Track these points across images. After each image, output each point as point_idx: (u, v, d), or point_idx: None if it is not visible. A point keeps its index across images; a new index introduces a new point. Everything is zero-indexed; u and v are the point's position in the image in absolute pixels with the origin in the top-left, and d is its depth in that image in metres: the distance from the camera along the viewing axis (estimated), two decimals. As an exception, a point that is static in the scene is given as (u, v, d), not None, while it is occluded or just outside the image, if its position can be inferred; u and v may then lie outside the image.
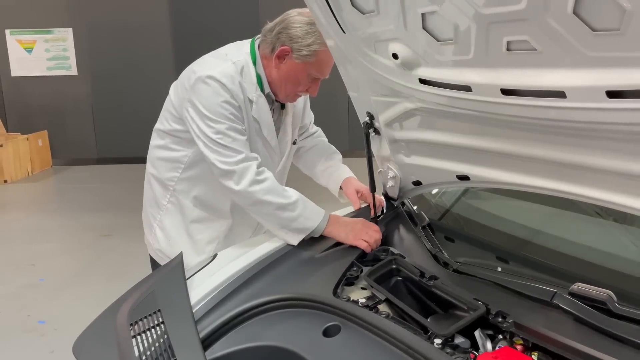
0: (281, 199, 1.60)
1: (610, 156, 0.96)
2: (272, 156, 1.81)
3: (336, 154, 2.03)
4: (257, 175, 1.60)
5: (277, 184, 1.64)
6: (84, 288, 3.63)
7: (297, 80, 1.67)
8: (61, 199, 6.43)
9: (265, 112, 1.73)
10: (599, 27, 0.80)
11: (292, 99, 1.77)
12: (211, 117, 1.60)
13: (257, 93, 1.69)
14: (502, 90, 1.03)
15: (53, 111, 8.03)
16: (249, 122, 1.70)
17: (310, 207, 1.63)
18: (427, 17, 1.07)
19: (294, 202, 1.60)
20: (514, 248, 1.48)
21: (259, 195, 1.59)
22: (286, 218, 1.59)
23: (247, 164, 1.60)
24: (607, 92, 0.85)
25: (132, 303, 1.34)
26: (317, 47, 1.59)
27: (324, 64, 1.64)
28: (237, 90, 1.63)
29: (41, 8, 7.71)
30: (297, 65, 1.64)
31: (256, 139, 1.74)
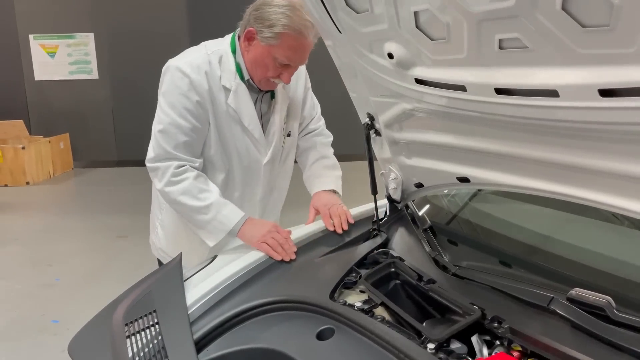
0: (195, 201, 1.60)
1: (606, 157, 0.92)
2: (258, 147, 1.75)
3: (322, 160, 1.93)
4: (174, 176, 1.60)
5: (196, 185, 1.61)
6: (98, 288, 3.68)
7: (265, 64, 1.59)
8: (80, 200, 6.54)
9: (245, 101, 1.67)
10: (588, 23, 0.77)
11: (268, 85, 1.67)
12: (163, 105, 1.62)
13: (236, 81, 1.65)
14: (496, 89, 1.01)
15: (74, 114, 8.17)
16: (222, 112, 1.65)
17: (225, 210, 1.61)
18: (420, 15, 1.05)
19: (207, 205, 1.60)
20: (516, 252, 1.45)
21: (174, 195, 1.61)
22: (200, 220, 1.62)
23: (168, 163, 1.60)
24: (600, 90, 0.82)
25: (129, 303, 1.34)
26: (280, 30, 1.51)
27: (290, 48, 1.54)
28: (202, 79, 1.60)
29: (64, 14, 7.86)
30: (262, 49, 1.57)
31: (235, 129, 1.69)
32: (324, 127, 2.02)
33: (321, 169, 1.89)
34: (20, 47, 7.95)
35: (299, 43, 1.53)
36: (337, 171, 1.91)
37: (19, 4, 7.82)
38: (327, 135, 2.01)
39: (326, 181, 1.84)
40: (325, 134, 2.01)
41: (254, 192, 1.83)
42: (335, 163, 1.93)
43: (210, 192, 1.63)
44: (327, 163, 1.91)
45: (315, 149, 1.94)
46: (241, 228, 1.61)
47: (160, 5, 7.71)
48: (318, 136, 1.99)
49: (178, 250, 1.59)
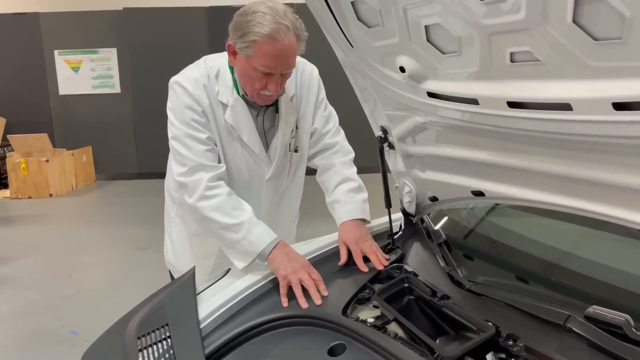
0: (227, 218, 1.53)
1: (621, 171, 0.90)
2: (258, 163, 1.70)
3: (345, 183, 1.76)
4: (207, 190, 1.54)
5: (230, 201, 1.55)
6: (117, 300, 3.70)
7: (249, 77, 1.52)
8: (102, 212, 6.62)
9: (244, 116, 1.63)
10: (600, 36, 0.76)
11: (261, 99, 1.58)
12: (173, 122, 1.59)
13: (233, 97, 1.61)
14: (508, 103, 1.00)
15: (97, 128, 8.32)
16: (221, 127, 1.62)
17: (257, 231, 1.52)
18: (431, 29, 1.05)
19: (238, 223, 1.52)
20: (532, 267, 1.42)
21: (206, 211, 1.54)
22: (229, 239, 1.53)
23: (198, 176, 1.55)
24: (613, 103, 0.81)
25: (142, 316, 1.34)
26: (252, 38, 1.42)
27: (266, 56, 1.44)
28: (201, 93, 1.58)
29: (87, 30, 8.04)
30: (243, 60, 1.50)
31: (235, 145, 1.65)
32: (343, 143, 1.85)
33: (345, 194, 1.73)
34: (46, 63, 8.14)
35: (274, 49, 1.43)
36: (362, 194, 1.74)
37: (45, 21, 8.03)
38: (347, 152, 1.84)
39: (352, 209, 1.69)
40: (344, 151, 1.84)
41: (257, 208, 1.71)
42: (360, 185, 1.77)
43: (244, 210, 1.56)
44: (352, 186, 1.74)
45: (337, 170, 1.79)
46: (272, 252, 1.49)
47: (180, 20, 7.84)
48: (337, 153, 1.83)
49: (184, 264, 1.59)
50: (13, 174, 7.22)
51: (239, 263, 1.53)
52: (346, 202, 1.72)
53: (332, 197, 1.77)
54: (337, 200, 1.74)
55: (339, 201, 1.73)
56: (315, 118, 1.80)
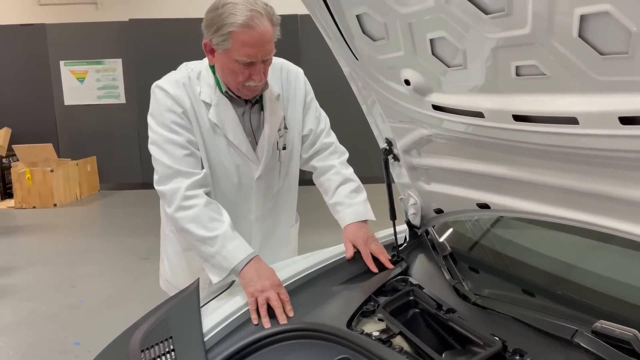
0: (202, 230, 1.50)
1: (627, 185, 0.90)
2: (247, 162, 1.67)
3: (346, 185, 1.78)
4: (184, 200, 1.52)
5: (207, 212, 1.52)
6: (120, 311, 3.70)
7: (231, 70, 1.50)
8: (106, 222, 6.63)
9: (228, 114, 1.61)
10: (606, 50, 0.76)
11: (248, 91, 1.56)
12: (152, 127, 1.57)
13: (216, 95, 1.59)
14: (514, 116, 1.00)
15: (102, 138, 8.35)
16: (204, 127, 1.60)
17: (232, 245, 1.49)
18: (436, 42, 1.05)
19: (213, 237, 1.49)
20: (538, 280, 1.41)
21: (183, 222, 1.52)
22: (205, 252, 1.51)
23: (175, 184, 1.53)
24: (620, 118, 0.81)
25: (146, 329, 1.34)
26: (227, 30, 1.41)
27: (245, 45, 1.43)
28: (182, 94, 1.56)
29: (93, 41, 8.11)
30: (222, 56, 1.49)
31: (221, 144, 1.63)
32: (337, 143, 1.87)
33: (348, 196, 1.75)
34: (51, 73, 8.20)
35: (251, 36, 1.41)
36: (362, 194, 1.77)
37: (51, 32, 8.10)
38: (342, 152, 1.87)
39: (356, 211, 1.72)
40: (340, 151, 1.86)
41: (248, 210, 1.74)
42: (359, 185, 1.80)
43: (221, 222, 1.53)
44: (352, 187, 1.77)
45: (337, 171, 1.80)
46: (244, 268, 1.47)
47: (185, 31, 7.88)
48: (334, 154, 1.84)
49: (182, 281, 1.56)
50: (18, 183, 7.24)
51: (213, 277, 1.52)
52: (350, 204, 1.74)
53: (334, 199, 1.78)
54: (340, 202, 1.76)
55: (342, 203, 1.75)
56: (308, 119, 1.79)
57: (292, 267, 1.58)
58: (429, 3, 0.95)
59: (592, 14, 0.73)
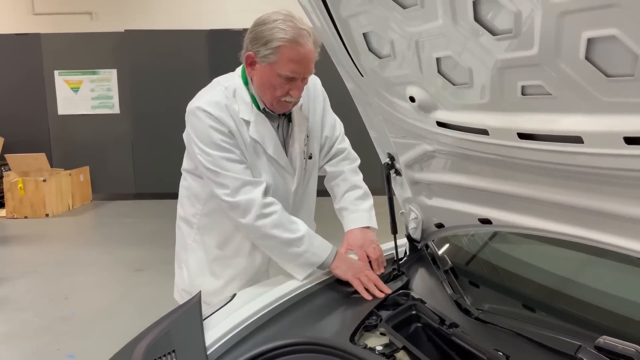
0: (288, 233, 1.58)
1: (631, 203, 0.92)
2: (284, 175, 1.73)
3: (353, 191, 1.85)
4: (264, 209, 1.58)
5: (285, 217, 1.61)
6: (114, 323, 3.67)
7: (271, 84, 1.56)
8: (99, 232, 6.59)
9: (267, 130, 1.66)
10: (612, 72, 0.78)
11: (281, 106, 1.63)
12: (203, 148, 1.59)
13: (253, 112, 1.64)
14: (519, 134, 1.02)
15: (95, 148, 8.31)
16: (247, 144, 1.64)
17: (317, 242, 1.61)
18: (442, 61, 1.07)
19: (299, 237, 1.59)
20: (540, 296, 1.42)
21: (266, 229, 1.58)
22: (292, 253, 1.59)
23: (250, 195, 1.57)
24: (625, 138, 0.83)
25: (148, 342, 1.33)
26: (276, 44, 1.48)
27: (291, 61, 1.50)
28: (225, 115, 1.59)
29: (88, 51, 8.10)
30: (265, 69, 1.54)
31: (261, 160, 1.67)
32: (350, 149, 1.94)
33: (353, 202, 1.82)
34: (46, 83, 8.18)
35: (298, 53, 1.49)
36: (368, 201, 1.84)
37: (46, 42, 8.09)
38: (354, 159, 1.93)
39: (360, 217, 1.79)
40: (351, 158, 1.93)
41: None
42: (366, 191, 1.86)
43: (298, 223, 1.62)
44: (359, 193, 1.84)
45: (345, 177, 1.87)
46: (334, 261, 1.60)
47: (181, 43, 7.92)
48: (345, 160, 1.90)
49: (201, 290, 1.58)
50: (10, 193, 7.18)
51: (299, 274, 1.59)
52: (354, 210, 1.81)
53: (340, 204, 1.86)
54: (344, 207, 1.83)
55: (346, 209, 1.82)
56: (325, 126, 1.85)
57: (292, 282, 1.59)
58: (437, 23, 0.98)
59: (599, 38, 0.75)
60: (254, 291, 1.58)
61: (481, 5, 0.88)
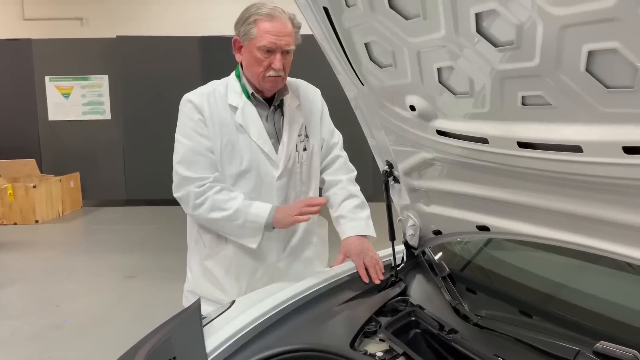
0: (223, 212, 1.71)
1: (630, 211, 0.94)
2: (269, 160, 1.78)
3: (351, 200, 1.89)
4: (197, 199, 1.71)
5: (220, 197, 1.71)
6: (106, 330, 3.64)
7: (254, 60, 1.68)
8: (89, 239, 6.54)
9: (253, 117, 1.76)
10: (612, 84, 0.81)
11: (269, 84, 1.72)
12: (177, 138, 1.76)
13: (242, 100, 1.76)
14: (518, 143, 1.04)
15: (86, 154, 8.28)
16: (232, 128, 1.74)
17: (253, 209, 1.71)
18: (443, 71, 1.09)
19: (234, 211, 1.70)
20: (537, 302, 1.44)
21: (205, 215, 1.73)
22: (235, 227, 1.72)
23: (186, 190, 1.71)
24: (624, 147, 0.85)
25: (148, 349, 1.33)
26: (253, 18, 1.64)
27: (267, 32, 1.63)
28: (202, 102, 1.73)
29: (80, 57, 8.08)
30: (247, 48, 1.69)
31: (245, 144, 1.75)
32: (347, 160, 2.00)
33: (350, 210, 1.86)
34: (36, 89, 8.13)
35: (273, 25, 1.64)
36: (366, 210, 1.88)
37: (37, 47, 8.06)
38: (351, 170, 1.98)
39: (358, 225, 1.82)
40: (348, 168, 1.98)
41: None
42: (364, 201, 1.90)
43: (234, 198, 1.72)
44: (356, 202, 1.88)
45: (342, 186, 1.91)
46: (274, 217, 1.70)
47: (173, 49, 7.92)
48: (342, 169, 1.96)
49: (202, 289, 1.66)
50: (-1, 199, 7.13)
51: (251, 243, 1.74)
52: (351, 219, 1.85)
53: (337, 213, 1.90)
54: (342, 215, 1.87)
55: (344, 217, 1.86)
56: (322, 129, 1.94)
57: (292, 288, 1.59)
58: (439, 34, 0.99)
59: (600, 50, 0.77)
60: (252, 298, 1.58)
61: (483, 18, 0.90)
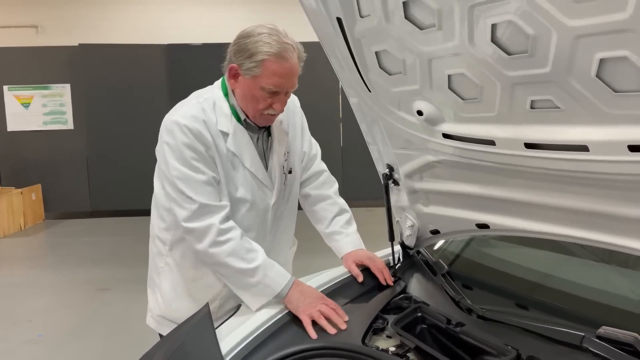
0: (242, 263, 1.55)
1: (632, 205, 1.02)
2: (262, 188, 1.70)
3: (343, 215, 1.89)
4: (219, 236, 1.54)
5: (243, 245, 1.56)
6: (83, 343, 3.56)
7: (254, 97, 1.55)
8: (55, 253, 6.35)
9: (245, 142, 1.64)
10: (620, 88, 0.89)
11: (263, 119, 1.63)
12: (171, 163, 1.55)
13: (232, 124, 1.62)
14: (525, 144, 1.11)
15: (48, 165, 8.03)
16: (223, 157, 1.61)
17: (272, 273, 1.56)
18: (453, 78, 1.16)
19: (254, 267, 1.55)
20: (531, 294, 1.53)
21: (220, 257, 1.55)
22: (246, 283, 1.56)
23: (208, 221, 1.54)
24: (629, 146, 0.93)
25: (164, 355, 1.34)
26: (261, 57, 1.49)
27: (274, 74, 1.50)
28: (201, 128, 1.57)
29: (40, 65, 7.86)
30: (248, 82, 1.54)
31: (238, 173, 1.65)
32: (328, 173, 1.97)
33: (343, 226, 1.86)
34: (-6, 99, 7.86)
35: (282, 67, 1.50)
36: (354, 225, 1.90)
37: (-5, 55, 7.80)
38: (334, 182, 1.97)
39: (353, 240, 1.83)
40: (331, 181, 1.96)
41: (264, 234, 1.77)
42: (351, 215, 1.92)
43: (256, 251, 1.58)
44: (347, 218, 1.89)
45: (333, 201, 1.91)
46: (288, 293, 1.53)
47: (138, 57, 7.80)
48: (326, 183, 1.94)
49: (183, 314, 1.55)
50: (-43, 214, 6.84)
51: (253, 304, 1.55)
52: (346, 234, 1.85)
53: (330, 229, 1.87)
54: (337, 231, 1.85)
55: (340, 232, 1.85)
56: (304, 142, 1.88)
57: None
58: (453, 43, 1.06)
59: (611, 58, 0.86)
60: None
61: (498, 28, 0.97)
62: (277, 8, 7.60)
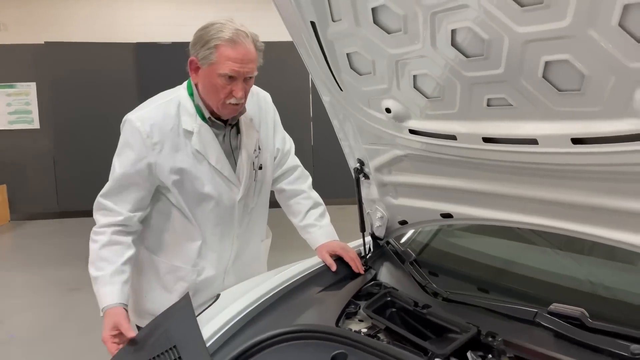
0: (92, 268, 1.66)
1: (576, 193, 1.15)
2: (229, 185, 1.77)
3: (317, 208, 1.99)
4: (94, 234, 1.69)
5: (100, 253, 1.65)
6: (57, 342, 3.56)
7: (213, 86, 1.60)
8: (23, 254, 6.25)
9: (210, 140, 1.70)
10: (563, 88, 1.00)
11: (227, 110, 1.66)
12: (114, 161, 1.70)
13: (197, 123, 1.68)
14: (483, 138, 1.22)
15: (13, 165, 7.88)
16: (188, 156, 1.68)
17: (103, 291, 1.62)
18: (418, 78, 1.26)
19: (95, 277, 1.64)
20: (492, 278, 1.65)
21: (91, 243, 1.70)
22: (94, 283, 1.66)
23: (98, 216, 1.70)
24: (572, 139, 1.05)
25: (148, 341, 1.41)
26: (214, 43, 1.54)
27: (229, 59, 1.55)
28: (154, 131, 1.64)
29: (4, 63, 7.70)
30: (206, 72, 1.59)
31: (204, 170, 1.71)
32: (302, 168, 2.05)
33: (318, 219, 1.95)
34: (-45, 98, 7.67)
35: (236, 51, 1.54)
36: (328, 217, 1.99)
37: (-44, 53, 7.61)
38: (307, 177, 2.05)
39: (327, 232, 1.92)
40: (305, 176, 2.05)
41: (231, 228, 1.85)
42: (325, 208, 2.01)
43: (110, 263, 1.64)
44: (321, 211, 1.98)
45: (307, 195, 2.00)
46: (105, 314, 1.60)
47: (107, 56, 7.73)
48: (301, 178, 2.02)
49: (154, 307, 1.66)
50: None
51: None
52: (320, 227, 1.94)
53: (305, 222, 1.96)
54: (312, 224, 1.95)
55: (314, 225, 1.94)
56: (276, 139, 1.95)
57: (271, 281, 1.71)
58: (417, 46, 1.16)
59: (555, 61, 0.97)
60: (237, 290, 1.68)
61: (458, 33, 1.08)
62: (246, 7, 7.65)
